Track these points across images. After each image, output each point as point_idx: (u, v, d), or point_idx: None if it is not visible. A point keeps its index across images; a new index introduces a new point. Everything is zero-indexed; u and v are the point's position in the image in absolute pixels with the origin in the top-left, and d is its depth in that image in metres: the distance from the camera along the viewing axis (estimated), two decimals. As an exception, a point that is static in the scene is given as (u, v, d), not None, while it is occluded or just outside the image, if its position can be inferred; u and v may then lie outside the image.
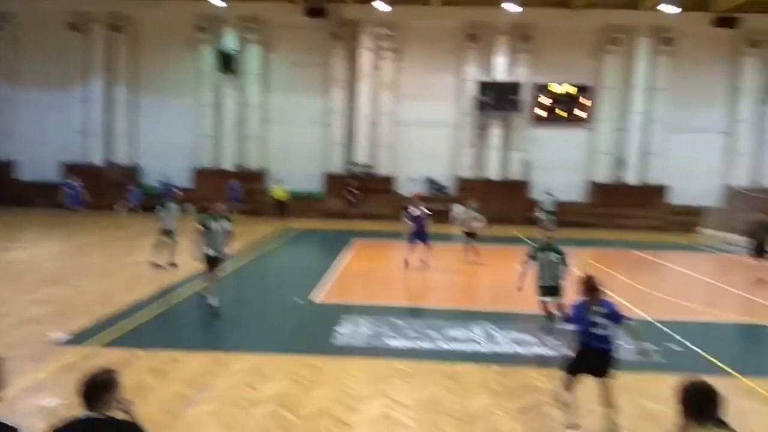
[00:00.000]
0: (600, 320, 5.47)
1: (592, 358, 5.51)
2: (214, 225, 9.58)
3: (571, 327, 5.85)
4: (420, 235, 14.09)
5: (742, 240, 20.30)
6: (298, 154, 25.76)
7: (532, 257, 8.76)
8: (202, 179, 25.17)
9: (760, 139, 24.81)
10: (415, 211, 14.15)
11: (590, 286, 5.65)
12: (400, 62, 25.31)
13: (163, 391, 6.29)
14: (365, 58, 24.95)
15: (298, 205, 24.72)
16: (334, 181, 25.18)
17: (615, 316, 5.49)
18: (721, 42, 24.62)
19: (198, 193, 25.02)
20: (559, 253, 8.71)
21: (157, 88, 25.57)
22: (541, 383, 6.89)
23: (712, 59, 24.86)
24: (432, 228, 14.44)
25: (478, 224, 15.21)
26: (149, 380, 6.57)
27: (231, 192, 23.81)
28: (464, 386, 6.73)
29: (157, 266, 12.79)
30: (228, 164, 25.39)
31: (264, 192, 25.28)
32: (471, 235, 15.19)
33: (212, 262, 9.58)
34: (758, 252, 13.60)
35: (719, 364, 7.73)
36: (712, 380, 3.35)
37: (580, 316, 5.60)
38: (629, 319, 5.62)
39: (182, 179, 25.04)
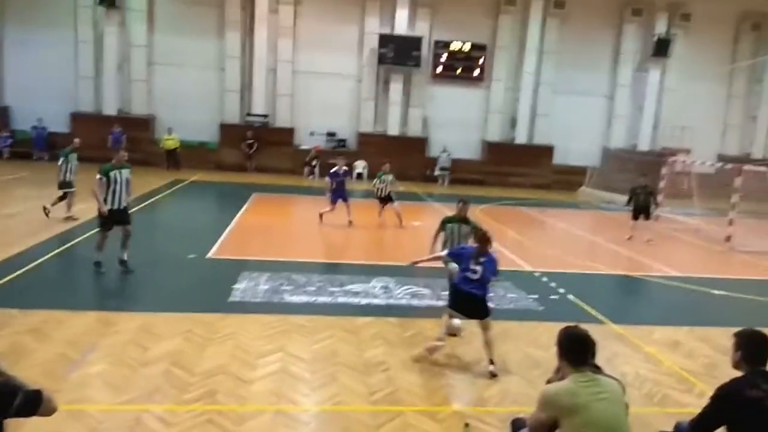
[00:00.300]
0: (478, 268, 6.23)
1: (463, 299, 6.33)
2: (116, 176, 8.87)
3: (455, 266, 6.70)
4: (340, 193, 14.10)
5: (617, 198, 22.12)
6: (190, 101, 24.31)
7: (442, 229, 8.79)
8: (80, 125, 23.14)
9: (636, 103, 26.83)
10: (338, 170, 14.10)
11: (482, 239, 6.46)
12: (299, 7, 24.38)
13: (45, 354, 5.90)
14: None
15: (191, 155, 23.57)
16: (229, 132, 24.09)
17: (490, 271, 6.31)
18: (608, 8, 26.00)
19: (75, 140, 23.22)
20: (471, 225, 8.77)
21: (25, 20, 22.86)
22: (435, 333, 7.20)
23: (600, 25, 26.21)
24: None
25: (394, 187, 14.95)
26: (28, 342, 6.13)
27: (114, 140, 22.28)
28: (362, 339, 6.90)
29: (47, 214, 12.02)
30: (110, 109, 23.40)
31: (151, 141, 23.82)
32: (387, 199, 14.89)
33: (113, 217, 8.88)
34: (635, 214, 14.51)
35: (593, 312, 8.48)
36: (587, 327, 3.65)
37: (464, 258, 6.39)
38: (497, 277, 6.58)
39: (59, 124, 23.01)
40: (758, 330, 3.73)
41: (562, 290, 9.54)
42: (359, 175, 24.33)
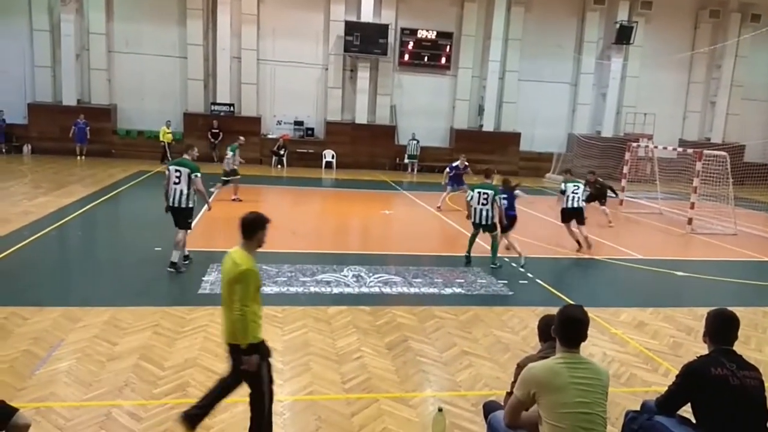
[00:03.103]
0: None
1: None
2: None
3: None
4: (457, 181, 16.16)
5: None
6: (152, 90, 23.80)
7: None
8: (38, 115, 22.50)
9: (600, 90, 27.28)
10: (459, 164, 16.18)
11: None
12: (263, -6, 23.99)
13: (8, 351, 5.73)
14: (224, -15, 23.22)
15: (155, 146, 23.09)
16: (193, 121, 23.64)
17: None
18: (572, -3, 26.35)
19: (33, 131, 22.55)
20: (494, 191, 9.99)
21: (-24, 8, 22.03)
22: (407, 320, 7.25)
23: (563, 13, 26.52)
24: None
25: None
26: (-11, 340, 5.95)
27: (78, 131, 21.69)
28: (334, 328, 6.89)
29: None
30: (70, 99, 22.65)
31: (113, 131, 23.25)
32: None
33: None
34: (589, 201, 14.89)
35: (561, 296, 8.64)
36: (555, 311, 3.69)
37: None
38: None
39: (16, 115, 22.30)
40: (727, 310, 3.83)
41: (530, 275, 9.68)
42: (328, 164, 24.21)
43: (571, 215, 11.82)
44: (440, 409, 4.55)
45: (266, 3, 24.10)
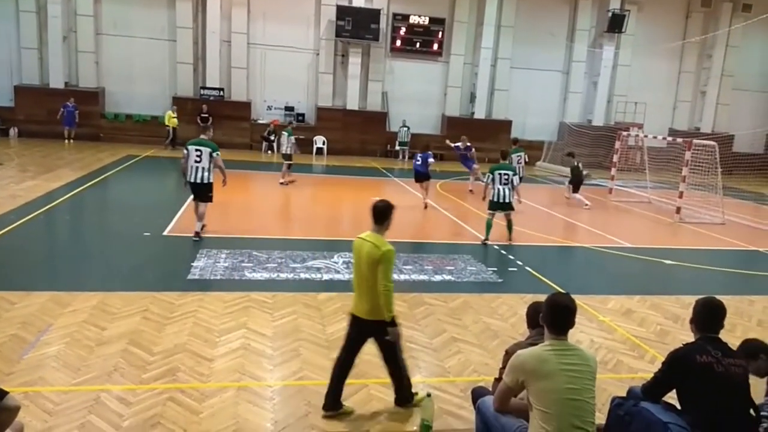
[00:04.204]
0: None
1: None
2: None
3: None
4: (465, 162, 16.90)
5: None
6: (141, 73, 23.52)
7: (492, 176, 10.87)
8: (25, 98, 22.17)
9: (591, 79, 27.29)
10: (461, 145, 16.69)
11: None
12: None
13: (-6, 336, 5.70)
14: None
15: (143, 130, 22.91)
16: (182, 105, 23.35)
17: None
18: (563, -15, 26.25)
19: (20, 114, 22.24)
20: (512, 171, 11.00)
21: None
22: (397, 306, 7.21)
23: (556, 1, 26.42)
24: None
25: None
26: (-24, 325, 5.90)
27: (68, 114, 21.44)
28: (324, 314, 6.90)
29: None
30: (57, 82, 22.33)
31: (101, 115, 22.99)
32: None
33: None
34: (576, 187, 16.00)
35: (550, 283, 8.69)
36: (544, 299, 3.71)
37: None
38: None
39: (2, 98, 22.01)
40: (714, 298, 3.86)
41: (520, 263, 9.74)
42: (319, 150, 24.10)
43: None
44: (429, 395, 4.59)
45: (257, -14, 23.81)
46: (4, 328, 5.89)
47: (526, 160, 16.74)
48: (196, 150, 9.55)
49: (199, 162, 9.55)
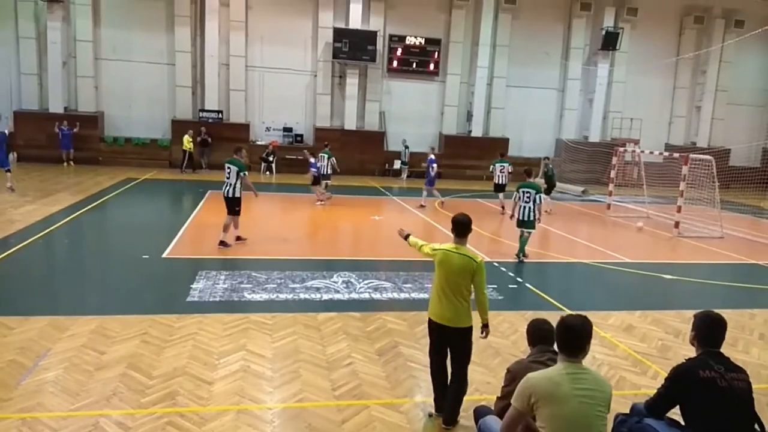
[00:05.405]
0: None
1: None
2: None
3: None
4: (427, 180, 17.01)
5: (570, 188, 22.67)
6: (140, 97, 23.71)
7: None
8: (24, 124, 22.27)
9: (587, 96, 27.52)
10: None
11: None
12: (251, 0, 23.96)
13: (-8, 362, 5.66)
14: (212, -7, 23.19)
15: (142, 153, 23.00)
16: (181, 128, 23.45)
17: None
18: (558, 3, 26.60)
19: (20, 139, 22.34)
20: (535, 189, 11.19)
21: (-39, 15, 21.85)
22: (397, 326, 7.25)
23: (550, 19, 26.75)
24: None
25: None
26: (-27, 351, 5.86)
27: (63, 137, 21.56)
28: (324, 334, 6.86)
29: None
30: (56, 107, 22.49)
31: (100, 138, 23.10)
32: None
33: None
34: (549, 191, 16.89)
35: (551, 300, 8.67)
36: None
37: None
38: None
39: (2, 123, 22.08)
40: (715, 313, 3.85)
41: (520, 279, 9.72)
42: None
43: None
44: (430, 415, 4.55)
45: (254, 10, 24.11)
46: (1, 353, 5.86)
47: (510, 170, 17.46)
48: (227, 168, 10.71)
49: (228, 178, 10.67)
